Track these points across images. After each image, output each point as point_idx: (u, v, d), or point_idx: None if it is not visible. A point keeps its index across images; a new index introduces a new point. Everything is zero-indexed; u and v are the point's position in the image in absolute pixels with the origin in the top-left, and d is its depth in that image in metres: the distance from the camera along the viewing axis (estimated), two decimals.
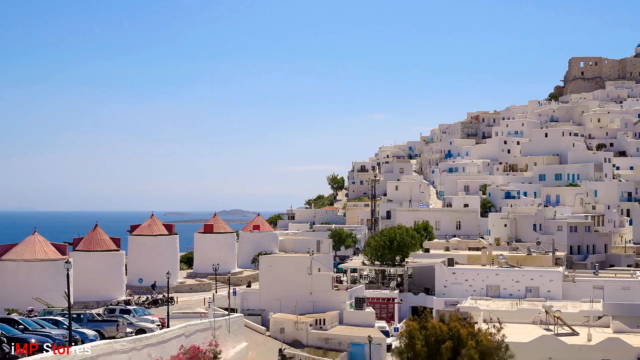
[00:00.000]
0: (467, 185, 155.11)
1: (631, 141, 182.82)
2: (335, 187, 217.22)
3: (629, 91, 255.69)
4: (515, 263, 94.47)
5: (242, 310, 77.03)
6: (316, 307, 77.43)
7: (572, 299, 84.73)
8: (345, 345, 70.40)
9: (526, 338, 66.66)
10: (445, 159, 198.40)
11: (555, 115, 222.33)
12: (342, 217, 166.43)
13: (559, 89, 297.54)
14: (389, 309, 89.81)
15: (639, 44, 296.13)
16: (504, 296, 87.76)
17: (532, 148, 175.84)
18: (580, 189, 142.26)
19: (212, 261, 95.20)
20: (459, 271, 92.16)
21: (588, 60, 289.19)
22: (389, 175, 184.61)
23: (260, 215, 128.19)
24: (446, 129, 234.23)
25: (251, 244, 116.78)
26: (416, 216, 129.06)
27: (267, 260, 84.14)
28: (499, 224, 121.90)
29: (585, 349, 65.45)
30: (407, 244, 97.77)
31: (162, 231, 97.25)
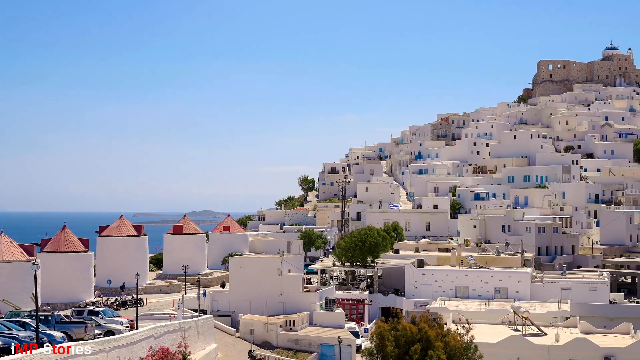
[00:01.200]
0: (437, 187, 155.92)
1: (598, 143, 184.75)
2: (306, 188, 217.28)
3: (596, 94, 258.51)
4: (484, 264, 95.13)
5: (212, 311, 76.72)
6: (286, 308, 77.34)
7: (540, 299, 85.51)
8: (315, 346, 70.39)
9: (495, 338, 67.11)
10: (415, 161, 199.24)
11: (524, 117, 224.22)
12: (312, 218, 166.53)
13: (527, 91, 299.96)
14: (359, 310, 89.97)
15: (606, 48, 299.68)
16: (473, 297, 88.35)
17: (501, 150, 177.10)
18: (549, 190, 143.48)
19: (181, 262, 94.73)
20: (429, 272, 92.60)
21: (556, 63, 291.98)
22: (359, 176, 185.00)
23: (231, 216, 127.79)
24: (416, 130, 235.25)
25: (221, 245, 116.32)
26: (386, 217, 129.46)
27: (237, 262, 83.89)
28: (468, 225, 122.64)
29: (553, 349, 66.07)
30: (377, 245, 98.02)
31: (131, 232, 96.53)
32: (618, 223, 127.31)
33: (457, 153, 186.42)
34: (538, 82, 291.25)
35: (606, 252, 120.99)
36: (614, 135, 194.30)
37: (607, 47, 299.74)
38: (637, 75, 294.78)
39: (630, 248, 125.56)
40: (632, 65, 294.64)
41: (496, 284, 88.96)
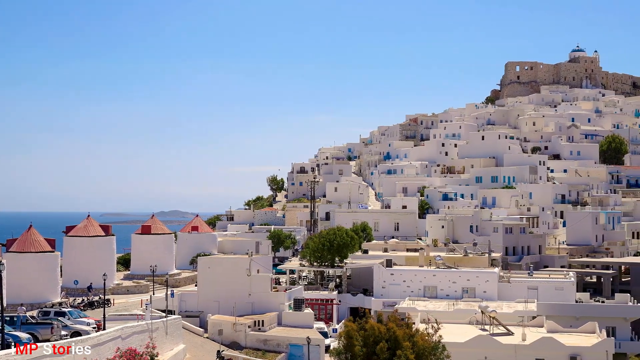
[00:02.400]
0: (406, 187, 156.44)
1: (565, 144, 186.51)
2: (275, 189, 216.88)
3: (563, 95, 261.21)
4: (452, 264, 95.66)
5: (180, 312, 76.34)
6: (255, 309, 77.24)
7: (507, 299, 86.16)
8: (284, 346, 70.39)
9: (462, 338, 67.57)
10: (384, 161, 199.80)
11: (491, 118, 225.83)
12: (281, 218, 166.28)
13: (495, 92, 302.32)
14: (328, 310, 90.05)
15: (573, 50, 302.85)
16: (441, 297, 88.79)
17: (469, 150, 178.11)
18: (516, 191, 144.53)
19: (149, 262, 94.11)
20: (397, 272, 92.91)
21: (524, 65, 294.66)
22: (328, 176, 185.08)
23: (199, 216, 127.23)
24: (385, 131, 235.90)
25: (190, 245, 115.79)
26: (355, 217, 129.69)
27: (206, 262, 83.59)
28: (437, 226, 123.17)
29: (519, 348, 66.68)
30: (346, 245, 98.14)
31: (98, 232, 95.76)
32: (584, 223, 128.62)
33: (426, 153, 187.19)
34: (506, 84, 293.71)
35: (572, 252, 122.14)
36: (580, 136, 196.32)
37: (574, 49, 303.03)
38: (603, 78, 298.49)
39: (595, 248, 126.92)
40: (598, 67, 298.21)
41: (464, 284, 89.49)
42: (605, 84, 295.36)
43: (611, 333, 79.93)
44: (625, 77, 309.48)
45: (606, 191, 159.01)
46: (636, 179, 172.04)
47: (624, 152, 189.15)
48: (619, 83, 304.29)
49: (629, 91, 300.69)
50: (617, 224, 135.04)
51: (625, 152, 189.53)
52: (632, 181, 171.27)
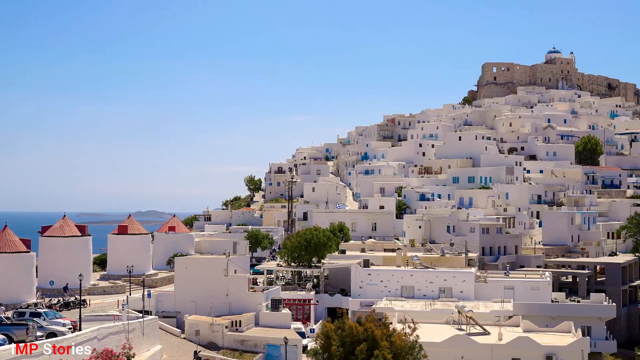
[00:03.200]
0: (383, 187, 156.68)
1: (541, 145, 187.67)
2: (253, 189, 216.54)
3: (539, 96, 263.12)
4: (429, 264, 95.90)
5: (157, 312, 76.07)
6: (232, 309, 77.10)
7: (484, 299, 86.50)
8: (261, 346, 70.32)
9: (439, 338, 67.78)
10: (361, 161, 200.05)
11: (468, 119, 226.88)
12: (259, 218, 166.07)
13: (472, 93, 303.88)
14: (305, 310, 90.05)
15: (549, 51, 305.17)
16: (418, 297, 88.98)
17: (446, 151, 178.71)
18: (493, 191, 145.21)
19: (126, 263, 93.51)
20: (375, 272, 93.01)
21: (500, 66, 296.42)
22: (306, 176, 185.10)
23: (176, 216, 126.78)
24: (363, 131, 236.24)
25: (166, 245, 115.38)
26: (332, 217, 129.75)
27: (183, 262, 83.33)
28: (414, 226, 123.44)
29: (496, 348, 66.98)
30: (323, 245, 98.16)
31: (74, 232, 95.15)
32: (560, 223, 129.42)
33: (403, 154, 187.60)
34: (483, 85, 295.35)
35: (548, 252, 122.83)
36: (556, 137, 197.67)
37: (550, 51, 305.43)
38: (579, 79, 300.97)
39: (571, 248, 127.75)
40: (574, 68, 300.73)
41: (441, 284, 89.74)
42: (581, 85, 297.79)
43: (586, 332, 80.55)
44: (600, 78, 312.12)
45: (582, 192, 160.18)
46: (611, 179, 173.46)
47: (599, 152, 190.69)
48: (595, 84, 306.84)
49: (604, 92, 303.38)
50: (593, 224, 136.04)
51: (600, 153, 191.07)
52: (607, 182, 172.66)
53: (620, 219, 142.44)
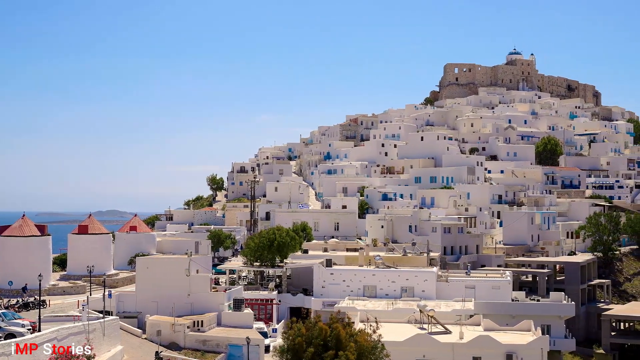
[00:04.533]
0: (346, 187, 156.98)
1: (502, 146, 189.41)
2: (215, 188, 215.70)
3: (500, 97, 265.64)
4: (391, 263, 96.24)
5: (118, 312, 75.36)
6: (194, 309, 76.67)
7: (445, 298, 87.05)
8: (223, 346, 70.02)
9: (401, 337, 68.09)
10: (324, 161, 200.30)
11: (430, 119, 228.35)
12: (221, 218, 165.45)
13: (434, 93, 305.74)
14: (268, 310, 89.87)
15: (510, 52, 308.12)
16: (380, 296, 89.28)
17: (408, 151, 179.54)
18: (454, 191, 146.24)
19: (86, 263, 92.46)
20: (337, 272, 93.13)
21: (462, 67, 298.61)
22: (269, 176, 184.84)
23: (138, 216, 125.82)
24: (325, 131, 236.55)
25: (128, 245, 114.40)
26: (295, 217, 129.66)
27: (144, 262, 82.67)
28: (376, 225, 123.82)
29: (457, 346, 67.49)
30: (286, 245, 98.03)
31: (33, 232, 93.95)
32: (520, 223, 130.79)
33: (366, 154, 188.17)
34: (444, 85, 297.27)
35: (509, 252, 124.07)
36: (517, 137, 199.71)
37: (511, 52, 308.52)
38: (539, 80, 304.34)
39: (531, 247, 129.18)
40: (534, 70, 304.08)
41: (403, 283, 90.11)
42: (541, 87, 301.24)
43: (546, 331, 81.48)
44: (560, 79, 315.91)
45: (542, 192, 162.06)
46: (570, 179, 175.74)
47: (559, 153, 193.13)
48: (555, 86, 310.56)
49: (564, 94, 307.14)
50: (552, 224, 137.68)
51: (560, 154, 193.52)
52: (566, 182, 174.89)
53: (579, 218, 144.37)
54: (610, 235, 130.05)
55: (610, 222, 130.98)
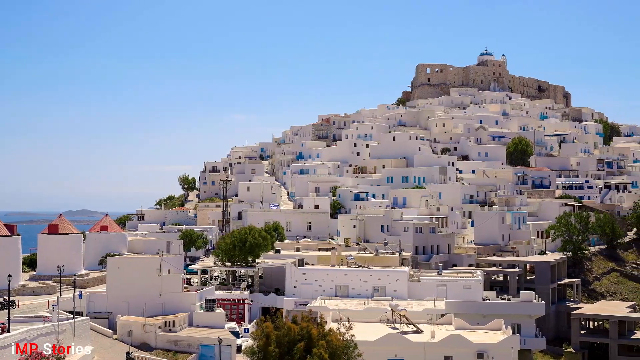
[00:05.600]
0: (318, 187, 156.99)
1: (473, 146, 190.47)
2: (187, 188, 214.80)
3: (471, 98, 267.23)
4: (363, 263, 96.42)
5: (89, 313, 74.95)
6: (166, 309, 76.40)
7: (417, 297, 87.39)
8: (195, 347, 69.85)
9: (373, 336, 68.27)
10: (296, 161, 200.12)
11: (402, 119, 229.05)
12: (193, 218, 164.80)
13: (406, 94, 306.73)
14: (240, 309, 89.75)
15: (481, 53, 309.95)
16: (352, 296, 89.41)
17: (380, 151, 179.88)
18: (426, 191, 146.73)
19: (57, 263, 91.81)
20: (309, 271, 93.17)
21: (434, 67, 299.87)
22: (241, 176, 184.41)
23: (109, 215, 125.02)
24: (298, 130, 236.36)
25: (98, 245, 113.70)
26: (267, 217, 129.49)
27: (115, 262, 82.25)
28: (348, 225, 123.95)
29: (428, 346, 67.81)
30: (258, 244, 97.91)
31: (3, 232, 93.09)
32: (491, 223, 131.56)
33: (338, 153, 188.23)
34: (417, 85, 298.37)
35: (480, 251, 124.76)
36: (488, 138, 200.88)
37: (482, 53, 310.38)
38: (510, 81, 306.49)
39: (502, 247, 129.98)
40: (505, 71, 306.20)
41: (375, 283, 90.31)
42: (512, 87, 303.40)
43: (516, 330, 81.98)
44: (531, 80, 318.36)
45: (512, 192, 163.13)
46: (541, 179, 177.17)
47: (529, 153, 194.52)
48: (525, 86, 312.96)
49: (534, 94, 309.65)
50: (523, 224, 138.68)
51: (530, 154, 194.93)
52: (536, 182, 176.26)
53: (549, 218, 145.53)
54: (580, 235, 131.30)
55: (579, 222, 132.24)
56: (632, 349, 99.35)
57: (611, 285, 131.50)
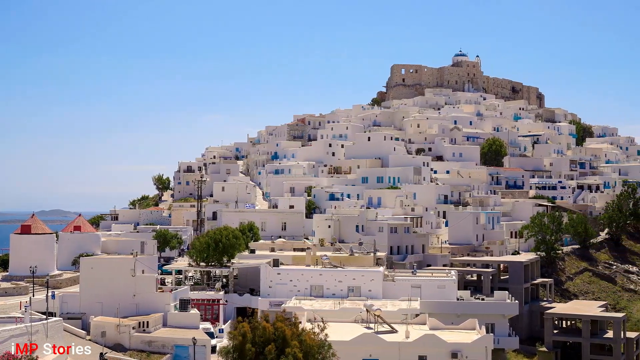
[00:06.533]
0: (293, 187, 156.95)
1: (447, 146, 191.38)
2: (161, 188, 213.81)
3: (446, 98, 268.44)
4: (338, 263, 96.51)
5: (62, 313, 74.41)
6: (140, 310, 76.04)
7: (391, 297, 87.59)
8: (169, 347, 69.57)
9: (348, 336, 68.37)
10: (271, 161, 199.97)
11: (377, 119, 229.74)
12: (167, 218, 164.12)
13: (381, 94, 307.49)
14: (214, 310, 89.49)
15: (456, 54, 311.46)
16: (327, 296, 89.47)
17: (355, 151, 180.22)
18: (401, 191, 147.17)
19: (29, 263, 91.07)
20: (284, 272, 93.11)
21: (409, 68, 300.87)
22: (216, 176, 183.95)
23: (82, 215, 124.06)
24: (273, 130, 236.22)
25: (72, 245, 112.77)
26: (242, 217, 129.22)
27: (89, 262, 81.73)
28: (323, 225, 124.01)
29: (403, 346, 68.04)
30: (232, 245, 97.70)
31: None
32: (465, 223, 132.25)
33: (313, 154, 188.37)
34: (391, 86, 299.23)
35: (454, 251, 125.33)
36: (462, 138, 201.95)
37: (457, 54, 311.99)
38: (484, 82, 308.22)
39: (476, 247, 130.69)
40: (479, 71, 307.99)
41: (350, 283, 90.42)
42: (486, 88, 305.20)
43: (490, 329, 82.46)
44: (505, 81, 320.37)
45: (486, 192, 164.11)
46: (514, 180, 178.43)
47: (503, 154, 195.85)
48: (499, 87, 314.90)
49: (508, 95, 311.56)
50: (497, 224, 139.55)
51: (504, 155, 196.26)
52: (510, 182, 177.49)
53: (523, 218, 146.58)
54: (553, 235, 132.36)
55: (552, 222, 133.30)
56: (604, 348, 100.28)
57: (584, 284, 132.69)
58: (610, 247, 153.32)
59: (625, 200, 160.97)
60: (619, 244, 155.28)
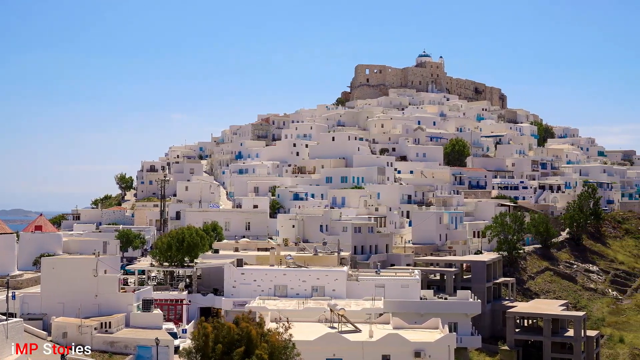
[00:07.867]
0: (257, 187, 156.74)
1: (411, 146, 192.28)
2: (124, 187, 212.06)
3: (410, 99, 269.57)
4: (302, 263, 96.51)
5: (22, 314, 73.55)
6: (102, 310, 75.41)
7: (355, 297, 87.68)
8: (132, 348, 69.07)
9: (312, 336, 68.37)
10: (235, 160, 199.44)
11: (342, 119, 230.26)
12: (130, 217, 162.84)
13: (346, 94, 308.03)
14: (178, 310, 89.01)
15: (420, 55, 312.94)
16: (291, 295, 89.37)
17: (319, 151, 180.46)
18: (365, 191, 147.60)
19: None
20: (248, 271, 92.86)
21: (373, 68, 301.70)
22: (179, 175, 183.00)
23: (43, 215, 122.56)
24: (237, 130, 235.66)
25: (33, 245, 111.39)
26: (206, 217, 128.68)
27: (50, 262, 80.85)
28: (288, 225, 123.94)
29: (366, 345, 68.22)
30: (196, 244, 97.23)
31: None
32: (429, 223, 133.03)
33: (277, 153, 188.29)
34: (356, 86, 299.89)
35: (417, 251, 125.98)
36: (426, 138, 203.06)
37: (421, 55, 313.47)
38: (448, 83, 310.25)
39: (439, 247, 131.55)
40: (443, 72, 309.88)
41: (314, 283, 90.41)
42: (449, 89, 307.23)
43: (453, 328, 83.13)
44: (468, 82, 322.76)
45: (449, 192, 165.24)
46: (477, 180, 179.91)
47: (466, 154, 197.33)
48: (463, 88, 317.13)
49: (471, 96, 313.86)
50: (460, 224, 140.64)
51: (467, 155, 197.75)
52: (473, 182, 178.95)
53: (485, 218, 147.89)
54: (515, 234, 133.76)
55: (515, 221, 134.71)
56: (564, 347, 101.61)
57: (545, 284, 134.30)
58: (571, 247, 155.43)
59: (585, 200, 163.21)
60: (579, 243, 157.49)
